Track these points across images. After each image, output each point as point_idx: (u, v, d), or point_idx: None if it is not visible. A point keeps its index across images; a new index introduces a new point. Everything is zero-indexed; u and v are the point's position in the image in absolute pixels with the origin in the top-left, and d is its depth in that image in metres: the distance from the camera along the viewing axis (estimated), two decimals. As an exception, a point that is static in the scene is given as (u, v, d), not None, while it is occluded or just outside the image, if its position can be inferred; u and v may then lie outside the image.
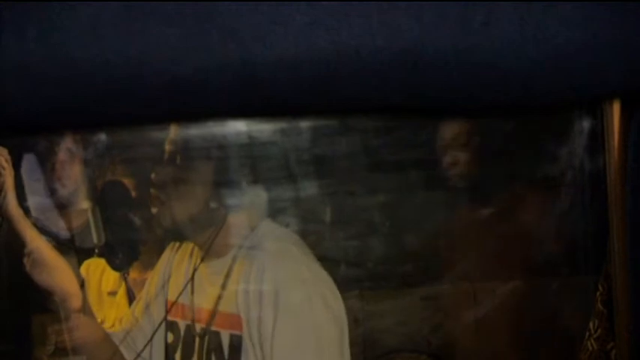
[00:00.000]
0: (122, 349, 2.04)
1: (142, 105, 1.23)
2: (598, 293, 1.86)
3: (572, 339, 2.05)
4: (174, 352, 2.02)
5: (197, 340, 1.98)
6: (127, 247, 2.16)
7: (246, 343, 1.90)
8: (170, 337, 2.03)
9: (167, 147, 1.95)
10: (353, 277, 2.12)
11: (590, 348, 1.87)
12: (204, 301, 1.98)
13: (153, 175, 1.96)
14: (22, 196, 2.03)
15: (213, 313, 1.96)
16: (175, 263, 2.05)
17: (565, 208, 2.06)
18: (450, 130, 2.14)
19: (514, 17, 1.20)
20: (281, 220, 2.05)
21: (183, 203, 1.94)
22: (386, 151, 2.12)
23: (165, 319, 2.04)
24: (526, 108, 1.55)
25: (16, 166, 2.00)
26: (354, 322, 2.07)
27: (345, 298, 2.00)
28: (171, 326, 2.04)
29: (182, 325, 2.02)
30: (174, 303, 2.03)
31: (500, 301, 2.10)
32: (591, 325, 1.88)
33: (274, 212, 2.05)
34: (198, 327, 1.98)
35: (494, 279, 2.11)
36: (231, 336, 1.92)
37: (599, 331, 1.86)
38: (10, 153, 1.97)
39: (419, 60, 1.20)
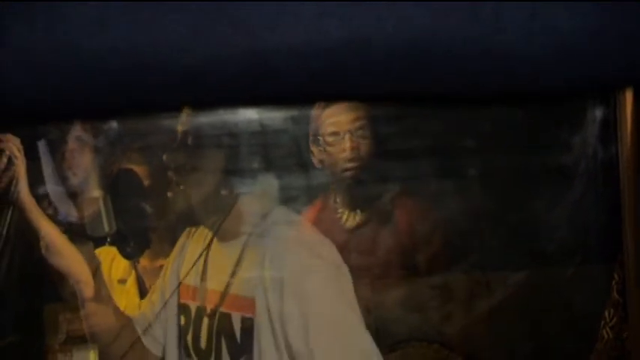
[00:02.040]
0: (140, 333, 2.07)
1: (152, 94, 1.23)
2: (613, 282, 1.86)
3: (586, 327, 2.05)
4: (186, 334, 2.04)
5: (206, 321, 1.99)
6: (138, 235, 2.17)
7: (259, 326, 1.91)
8: (182, 320, 2.05)
9: (179, 130, 1.96)
10: (364, 265, 2.12)
11: (606, 336, 1.86)
12: (214, 283, 2.00)
13: (165, 157, 1.97)
14: (34, 184, 2.04)
15: (223, 295, 1.97)
16: (190, 248, 2.07)
17: (578, 196, 2.05)
18: (348, 114, 2.13)
19: (524, 6, 1.20)
20: (292, 207, 2.06)
21: (196, 188, 1.96)
22: (396, 139, 2.11)
23: (178, 301, 2.06)
24: (537, 96, 1.55)
25: (28, 155, 2.01)
26: (365, 311, 2.07)
27: (356, 287, 2.00)
28: (184, 309, 2.05)
29: (193, 307, 2.03)
30: (184, 286, 2.05)
31: (512, 290, 2.10)
32: (607, 313, 1.87)
33: (285, 199, 2.05)
34: (208, 308, 1.99)
35: (506, 268, 2.11)
36: (243, 318, 1.93)
37: (614, 319, 1.86)
38: (22, 142, 1.98)
39: (429, 48, 1.20)
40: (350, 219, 2.19)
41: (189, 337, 2.03)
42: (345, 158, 2.13)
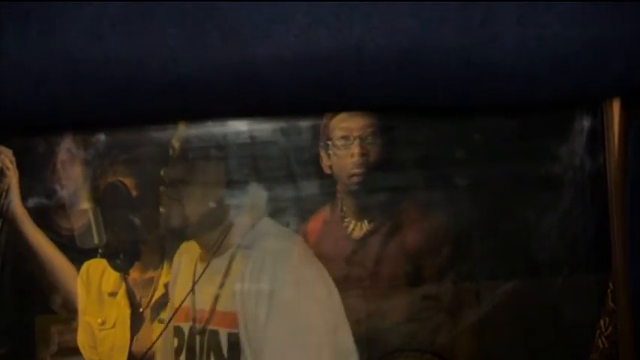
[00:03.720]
0: None
1: (142, 104, 1.24)
2: (609, 290, 1.86)
3: (576, 337, 2.05)
4: (179, 355, 2.03)
5: (198, 339, 2.00)
6: (128, 247, 2.17)
7: (243, 341, 1.92)
8: (175, 342, 2.05)
9: (176, 144, 1.97)
10: (354, 276, 2.12)
11: (601, 346, 1.87)
12: (203, 301, 2.00)
13: (162, 173, 1.99)
14: (26, 196, 2.04)
15: (211, 312, 1.98)
16: (182, 269, 2.07)
17: (567, 206, 2.06)
18: (360, 120, 2.14)
19: (513, 16, 1.21)
20: (281, 219, 2.07)
21: (192, 203, 1.97)
22: (385, 150, 2.12)
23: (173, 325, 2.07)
24: (526, 106, 1.56)
25: (20, 166, 2.02)
26: (355, 321, 2.07)
27: (346, 297, 2.02)
28: (177, 331, 2.05)
29: (186, 327, 2.03)
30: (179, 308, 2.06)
31: (502, 300, 2.10)
32: (602, 322, 1.88)
33: (274, 212, 2.06)
34: (198, 327, 2.00)
35: (496, 277, 2.12)
36: (229, 334, 1.94)
37: (609, 329, 1.86)
38: (14, 154, 1.99)
39: (418, 59, 1.21)
40: (357, 229, 2.19)
41: (183, 358, 2.03)
42: (353, 163, 2.13)
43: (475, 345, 2.15)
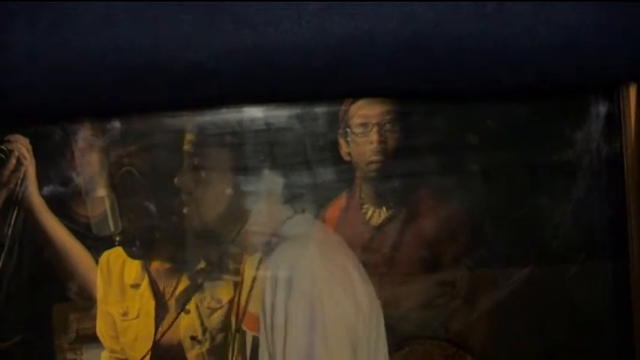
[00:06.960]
0: None
1: (155, 92, 1.24)
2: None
3: (591, 324, 2.05)
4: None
5: (237, 336, 2.01)
6: (144, 234, 2.17)
7: (262, 345, 1.92)
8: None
9: (185, 150, 1.98)
10: (371, 263, 2.13)
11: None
12: (241, 299, 2.01)
13: (176, 180, 2.00)
14: (41, 184, 2.05)
15: (243, 311, 1.98)
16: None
17: (582, 192, 2.05)
18: (378, 107, 2.13)
19: (528, 1, 1.20)
20: (297, 206, 2.07)
21: (209, 199, 1.97)
22: (403, 136, 2.12)
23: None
24: (541, 91, 1.55)
25: (37, 155, 2.03)
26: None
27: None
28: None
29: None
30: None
31: (517, 287, 2.10)
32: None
33: (291, 198, 2.06)
34: (233, 325, 2.01)
35: (511, 264, 2.11)
36: (253, 337, 1.95)
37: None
38: (31, 142, 2.00)
39: (433, 44, 1.20)
40: (375, 216, 2.20)
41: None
42: (371, 151, 2.14)
43: (490, 332, 2.15)
